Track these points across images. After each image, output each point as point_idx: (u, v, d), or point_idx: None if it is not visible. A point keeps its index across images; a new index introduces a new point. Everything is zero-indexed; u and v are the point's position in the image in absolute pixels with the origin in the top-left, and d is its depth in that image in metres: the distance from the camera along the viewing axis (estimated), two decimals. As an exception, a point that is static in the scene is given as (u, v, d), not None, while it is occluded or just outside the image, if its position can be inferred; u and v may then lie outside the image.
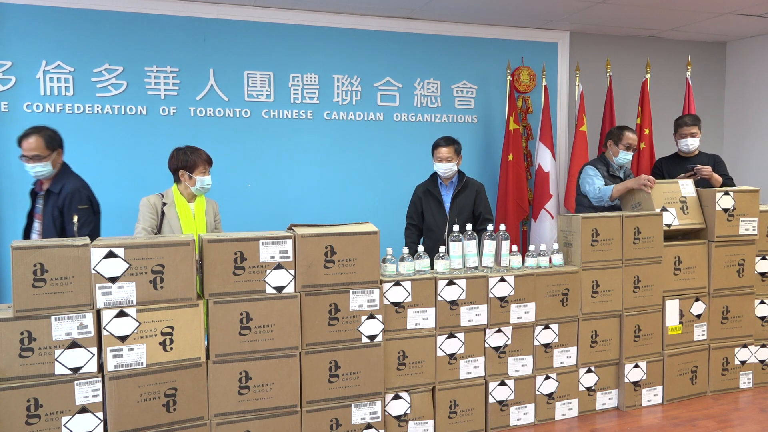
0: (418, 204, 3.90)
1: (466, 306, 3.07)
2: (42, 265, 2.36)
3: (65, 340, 2.41)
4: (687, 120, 4.18)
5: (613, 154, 3.97)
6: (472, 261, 3.18)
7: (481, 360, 3.14)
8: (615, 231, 3.36)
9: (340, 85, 4.80)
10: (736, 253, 3.66)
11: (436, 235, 3.82)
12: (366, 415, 2.89)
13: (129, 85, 4.29)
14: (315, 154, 4.74)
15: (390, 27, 4.88)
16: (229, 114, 4.52)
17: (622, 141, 3.92)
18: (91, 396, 2.45)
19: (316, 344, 2.79)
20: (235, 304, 2.64)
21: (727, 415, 3.37)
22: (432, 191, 3.88)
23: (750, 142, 5.77)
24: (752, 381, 3.77)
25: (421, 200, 3.89)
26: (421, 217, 3.90)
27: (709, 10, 4.76)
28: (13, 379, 2.36)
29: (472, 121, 5.19)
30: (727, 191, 3.61)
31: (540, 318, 3.23)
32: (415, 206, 3.92)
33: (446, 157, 3.78)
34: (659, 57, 5.65)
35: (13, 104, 4.05)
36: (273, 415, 2.73)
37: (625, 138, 3.92)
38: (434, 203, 3.86)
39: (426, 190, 3.90)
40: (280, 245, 2.70)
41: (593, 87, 5.39)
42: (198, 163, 3.26)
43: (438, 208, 3.85)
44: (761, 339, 3.79)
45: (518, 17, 4.93)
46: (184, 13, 4.38)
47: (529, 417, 3.26)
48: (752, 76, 5.75)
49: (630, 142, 3.92)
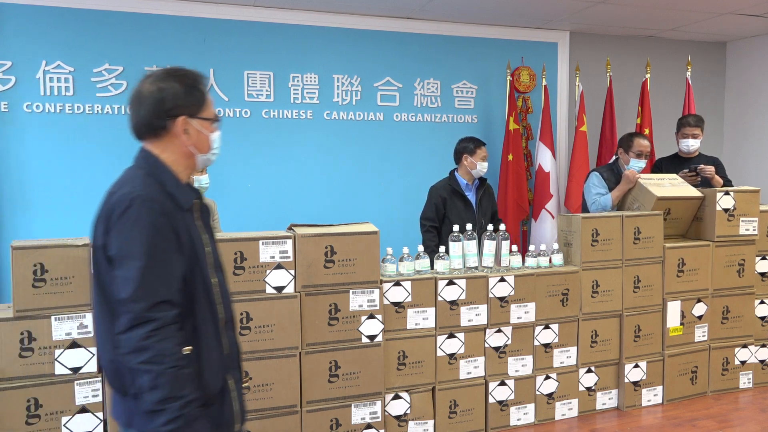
0: (441, 206, 3.71)
1: (466, 306, 3.07)
2: (42, 265, 2.36)
3: (65, 340, 2.41)
4: (690, 120, 4.17)
5: (624, 162, 3.84)
6: (472, 261, 3.18)
7: (481, 360, 3.14)
8: (615, 231, 3.36)
9: (340, 85, 4.80)
10: (736, 253, 3.66)
11: None
12: (366, 415, 2.89)
13: (129, 85, 4.29)
14: (315, 154, 4.74)
15: (390, 27, 4.88)
16: (229, 114, 4.52)
17: (632, 148, 3.79)
18: (91, 396, 2.45)
19: (316, 344, 2.78)
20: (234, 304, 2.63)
21: (727, 415, 3.37)
22: (459, 191, 3.75)
23: (750, 142, 5.77)
24: (752, 381, 3.77)
25: (446, 202, 3.71)
26: (443, 220, 3.72)
27: (709, 10, 4.76)
28: (13, 379, 2.36)
29: (472, 121, 5.19)
30: (727, 191, 3.61)
31: (540, 318, 3.22)
32: (437, 208, 3.72)
33: (487, 156, 3.76)
34: (659, 57, 5.65)
35: (13, 104, 4.05)
36: (273, 415, 2.73)
37: (636, 145, 3.78)
38: (461, 204, 3.73)
39: (453, 190, 3.75)
40: (280, 245, 2.70)
41: (593, 87, 5.39)
42: None
43: (466, 209, 3.73)
44: (761, 339, 3.79)
45: (518, 17, 4.93)
46: (184, 13, 4.38)
47: (529, 417, 3.26)
48: (752, 76, 5.75)
49: (641, 149, 3.77)
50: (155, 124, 1.54)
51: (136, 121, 1.57)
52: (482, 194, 3.84)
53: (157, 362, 1.37)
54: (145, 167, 1.55)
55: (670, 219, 3.60)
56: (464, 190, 3.78)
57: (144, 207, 1.43)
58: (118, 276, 1.42)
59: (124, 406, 1.51)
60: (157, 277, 1.42)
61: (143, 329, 1.38)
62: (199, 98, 1.58)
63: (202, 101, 1.58)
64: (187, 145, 1.57)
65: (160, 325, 1.39)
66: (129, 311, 1.39)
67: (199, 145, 1.59)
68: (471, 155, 3.75)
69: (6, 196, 4.08)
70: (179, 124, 1.54)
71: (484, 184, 3.87)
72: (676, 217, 3.62)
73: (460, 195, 3.76)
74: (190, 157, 1.60)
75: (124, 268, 1.41)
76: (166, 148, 1.56)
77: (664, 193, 3.50)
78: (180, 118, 1.54)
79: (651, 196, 3.49)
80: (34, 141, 4.10)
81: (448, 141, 5.13)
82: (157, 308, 1.40)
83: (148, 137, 1.57)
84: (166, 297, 1.43)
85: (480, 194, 3.83)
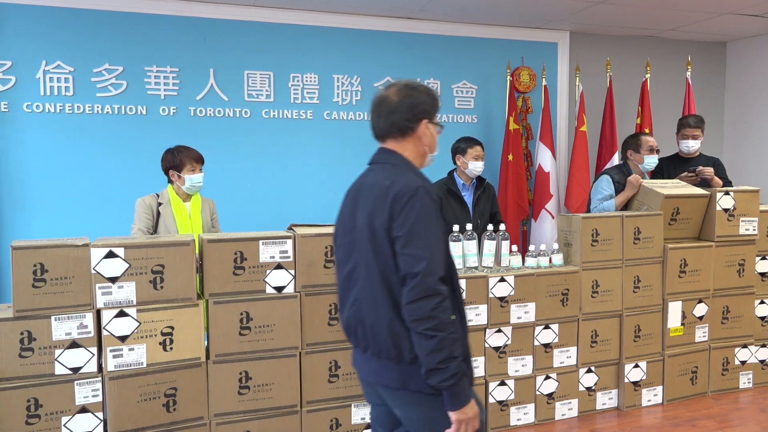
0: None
1: (466, 306, 3.06)
2: (42, 265, 2.36)
3: (65, 340, 2.41)
4: (691, 121, 4.17)
5: (638, 161, 3.83)
6: (472, 261, 3.18)
7: (481, 360, 3.14)
8: (615, 231, 3.36)
9: (340, 85, 4.80)
10: (736, 253, 3.66)
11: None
12: (366, 415, 2.89)
13: (129, 85, 4.29)
14: (315, 154, 4.74)
15: (390, 27, 4.88)
16: (229, 114, 4.52)
17: (642, 147, 3.81)
18: (91, 396, 2.45)
19: (316, 344, 2.78)
20: (235, 304, 2.64)
21: (727, 415, 3.37)
22: (455, 191, 3.75)
23: (750, 142, 5.77)
24: (752, 381, 3.77)
25: (441, 201, 3.69)
26: None
27: (709, 10, 4.76)
28: (13, 379, 2.36)
29: (472, 121, 5.19)
30: (727, 191, 3.61)
31: (540, 318, 3.22)
32: None
33: (482, 155, 3.73)
34: (659, 57, 5.65)
35: (13, 104, 4.05)
36: (273, 415, 2.73)
37: (644, 142, 3.82)
38: (457, 204, 3.74)
39: (448, 189, 3.76)
40: (280, 245, 2.70)
41: (593, 87, 5.39)
42: (185, 162, 3.24)
43: (461, 209, 3.74)
44: (761, 339, 3.79)
45: (518, 17, 4.93)
46: (184, 13, 4.38)
47: (529, 417, 3.26)
48: (752, 76, 5.75)
49: (651, 144, 3.81)
50: (406, 126, 1.81)
51: (386, 124, 1.82)
52: (480, 194, 3.82)
53: (441, 329, 1.62)
54: (399, 164, 1.81)
55: (681, 219, 3.58)
56: (461, 190, 3.78)
57: (426, 195, 1.70)
58: (408, 254, 1.65)
59: (398, 371, 1.73)
60: (439, 255, 1.68)
61: (433, 301, 1.62)
62: (436, 105, 1.88)
63: (437, 108, 1.89)
64: (424, 144, 1.85)
65: (443, 297, 1.64)
66: (420, 284, 1.62)
67: (431, 146, 1.88)
68: (463, 155, 3.76)
69: (6, 196, 4.09)
70: (422, 126, 1.82)
71: (482, 185, 3.86)
72: (686, 217, 3.59)
73: (455, 195, 3.76)
74: (424, 155, 1.87)
75: (416, 247, 1.65)
76: (406, 147, 1.83)
77: (671, 192, 3.51)
78: (423, 121, 1.82)
79: (658, 195, 3.49)
80: (34, 141, 4.10)
81: (448, 141, 5.11)
82: (440, 282, 1.65)
83: (394, 138, 1.83)
84: (444, 272, 1.69)
85: (477, 194, 3.82)
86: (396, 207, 1.68)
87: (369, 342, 1.78)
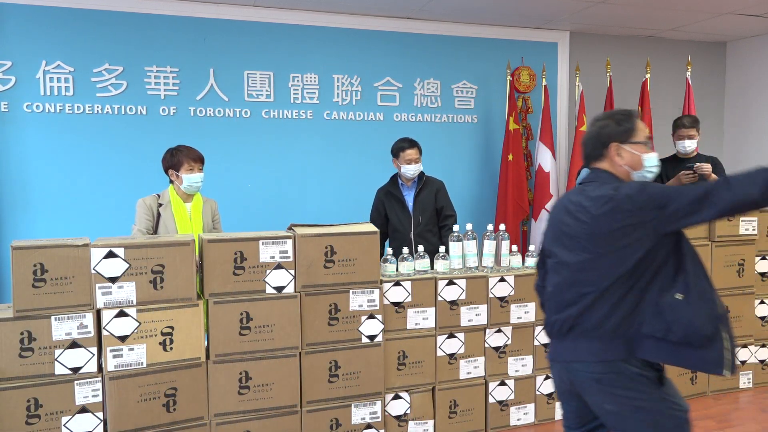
0: (381, 207, 3.87)
1: (466, 306, 3.07)
2: (42, 265, 2.36)
3: (65, 340, 2.41)
4: (685, 122, 4.17)
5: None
6: (472, 261, 3.18)
7: (481, 360, 3.14)
8: (615, 231, 3.35)
9: (340, 85, 4.80)
10: (736, 253, 3.66)
11: (401, 236, 3.79)
12: (366, 415, 2.89)
13: (129, 85, 4.29)
14: (315, 154, 4.74)
15: (390, 27, 4.88)
16: (229, 114, 4.52)
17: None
18: (91, 396, 2.45)
19: (316, 344, 2.79)
20: (235, 304, 2.64)
21: (727, 415, 3.37)
22: (393, 193, 3.86)
23: (750, 142, 5.77)
24: (752, 381, 3.77)
25: (384, 203, 3.87)
26: (384, 220, 3.87)
27: (709, 10, 4.76)
28: (13, 379, 2.36)
29: (472, 121, 5.19)
30: (727, 191, 3.60)
31: (540, 318, 3.22)
32: (377, 210, 3.89)
33: (414, 158, 3.76)
34: (659, 57, 5.65)
35: (13, 104, 4.05)
36: (273, 415, 2.73)
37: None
38: (397, 204, 3.84)
39: (387, 192, 3.88)
40: (280, 245, 2.70)
41: (593, 87, 5.39)
42: (183, 161, 3.22)
43: (401, 208, 3.82)
44: (761, 339, 3.79)
45: (518, 17, 4.93)
46: (184, 13, 4.38)
47: (529, 417, 3.26)
48: (752, 76, 5.75)
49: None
50: (594, 153, 2.07)
51: (585, 153, 2.11)
52: (419, 192, 3.82)
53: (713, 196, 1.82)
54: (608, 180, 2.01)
55: None
56: (402, 190, 3.85)
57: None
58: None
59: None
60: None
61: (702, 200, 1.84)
62: (629, 128, 2.04)
63: (632, 130, 2.04)
64: (621, 164, 2.03)
65: None
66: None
67: (632, 164, 2.04)
68: (397, 158, 3.80)
69: (6, 196, 4.09)
70: (612, 149, 2.03)
71: (422, 183, 3.85)
72: None
73: (394, 195, 3.84)
74: (627, 174, 2.05)
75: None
76: (608, 167, 2.05)
77: None
78: (612, 145, 2.02)
79: None
80: (34, 141, 4.10)
81: (448, 141, 5.16)
82: None
83: (595, 161, 2.08)
84: None
85: (416, 192, 3.82)
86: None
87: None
